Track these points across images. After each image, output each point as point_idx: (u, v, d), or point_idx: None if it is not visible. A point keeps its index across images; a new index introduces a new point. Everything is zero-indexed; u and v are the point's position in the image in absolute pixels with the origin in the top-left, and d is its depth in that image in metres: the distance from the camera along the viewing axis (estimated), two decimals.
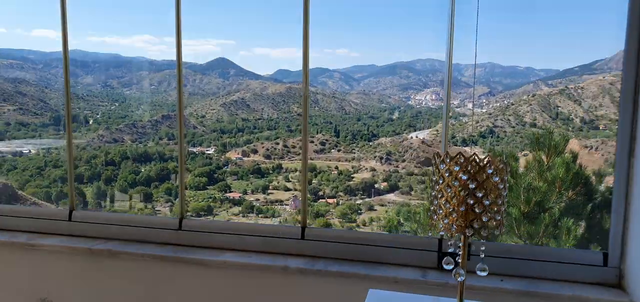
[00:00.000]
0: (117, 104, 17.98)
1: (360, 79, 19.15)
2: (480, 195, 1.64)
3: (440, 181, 1.71)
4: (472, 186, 1.63)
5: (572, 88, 17.16)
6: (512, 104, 17.50)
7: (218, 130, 21.78)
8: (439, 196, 1.71)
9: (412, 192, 16.30)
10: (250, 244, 2.65)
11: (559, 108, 16.76)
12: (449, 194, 1.67)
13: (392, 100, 18.70)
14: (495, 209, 1.66)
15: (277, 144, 19.91)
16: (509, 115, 17.26)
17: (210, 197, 20.03)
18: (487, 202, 1.64)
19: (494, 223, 1.67)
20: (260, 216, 19.38)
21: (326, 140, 17.88)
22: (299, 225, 2.62)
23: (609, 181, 6.17)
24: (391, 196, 15.88)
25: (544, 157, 6.06)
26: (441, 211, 1.70)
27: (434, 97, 18.66)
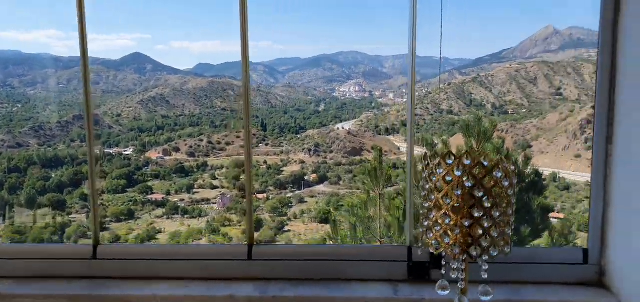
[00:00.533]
0: (20, 105, 16.08)
1: (284, 72, 18.79)
2: (488, 205, 1.26)
3: (435, 189, 1.32)
4: (479, 194, 1.26)
5: (483, 76, 18.03)
6: (430, 93, 18.06)
7: (136, 130, 20.41)
8: (435, 208, 1.31)
9: (341, 182, 16.28)
10: (186, 271, 2.13)
11: (472, 95, 17.54)
12: (449, 205, 1.28)
13: (317, 92, 18.55)
14: (506, 220, 1.30)
15: (201, 140, 19.01)
16: (428, 104, 17.79)
17: (131, 200, 18.75)
18: (496, 214, 1.27)
19: (503, 239, 1.31)
20: (186, 216, 18.43)
21: (253, 134, 17.32)
22: (245, 243, 2.14)
23: (535, 162, 6.30)
24: (321, 187, 15.74)
25: (474, 143, 5.99)
26: (439, 228, 1.31)
27: (357, 88, 18.79)
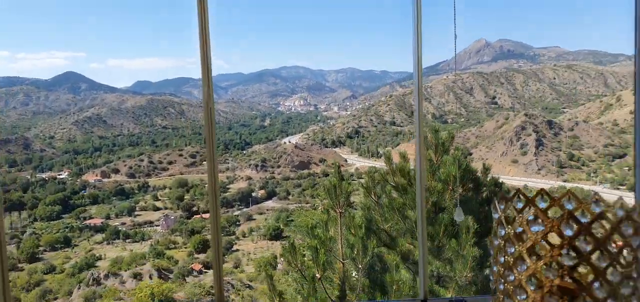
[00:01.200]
0: None
1: (227, 87, 17.86)
2: (604, 264, 0.72)
3: (518, 250, 0.76)
4: (602, 263, 0.71)
5: (422, 88, 18.21)
6: (373, 105, 17.85)
7: (71, 152, 18.74)
8: (524, 276, 0.75)
9: (290, 197, 15.52)
10: None
11: (414, 106, 17.59)
12: (550, 277, 0.72)
13: (262, 107, 17.77)
14: (631, 292, 0.76)
15: (142, 160, 17.60)
16: (371, 116, 17.54)
17: (67, 227, 17.03)
18: (616, 278, 0.73)
19: None
20: (128, 240, 16.99)
21: (196, 152, 16.20)
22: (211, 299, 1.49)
23: (494, 171, 6.01)
24: (270, 203, 14.91)
25: (433, 155, 5.62)
26: (525, 297, 0.75)
27: (302, 102, 18.22)
